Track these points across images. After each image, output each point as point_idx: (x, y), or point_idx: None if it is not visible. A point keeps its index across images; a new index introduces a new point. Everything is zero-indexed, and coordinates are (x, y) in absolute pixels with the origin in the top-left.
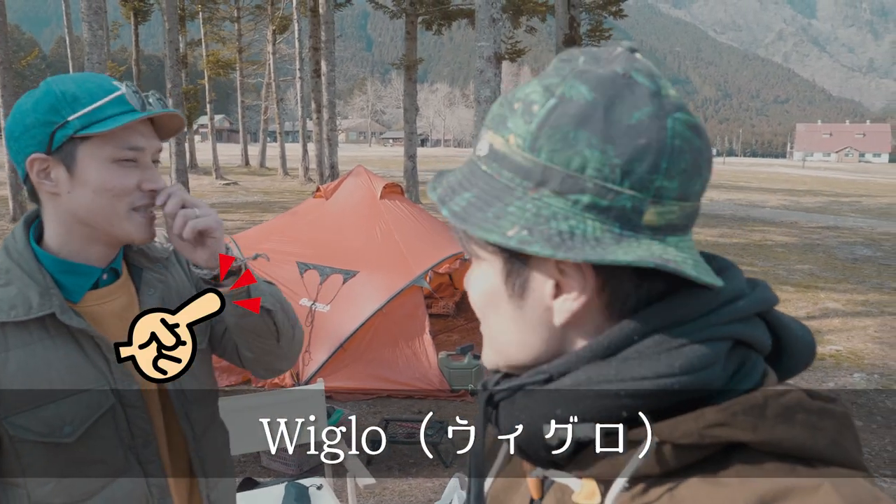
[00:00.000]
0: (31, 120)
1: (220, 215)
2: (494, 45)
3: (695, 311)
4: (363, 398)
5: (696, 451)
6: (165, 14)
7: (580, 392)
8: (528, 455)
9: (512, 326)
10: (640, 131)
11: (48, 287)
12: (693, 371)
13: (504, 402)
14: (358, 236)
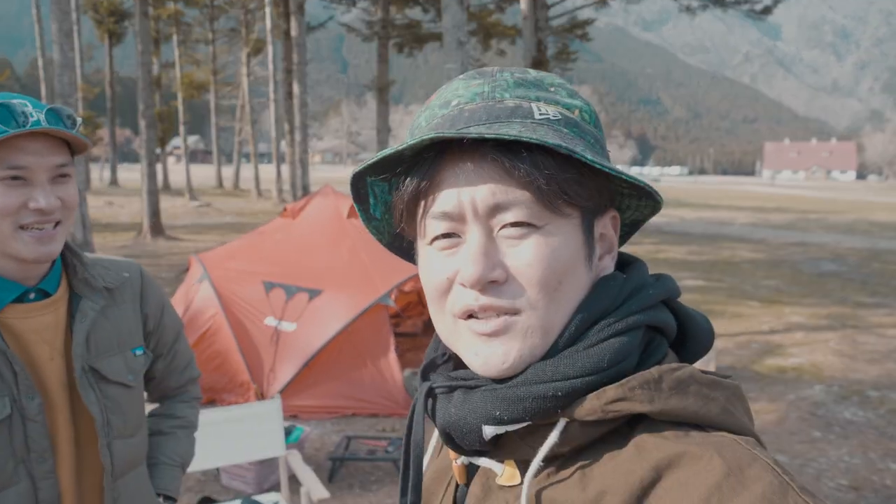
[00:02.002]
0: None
1: (192, 236)
2: (462, 67)
3: (613, 301)
4: (328, 416)
5: (601, 426)
6: (138, 36)
7: (519, 394)
8: (457, 446)
9: (580, 294)
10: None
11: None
12: (617, 363)
13: (441, 396)
14: (324, 255)
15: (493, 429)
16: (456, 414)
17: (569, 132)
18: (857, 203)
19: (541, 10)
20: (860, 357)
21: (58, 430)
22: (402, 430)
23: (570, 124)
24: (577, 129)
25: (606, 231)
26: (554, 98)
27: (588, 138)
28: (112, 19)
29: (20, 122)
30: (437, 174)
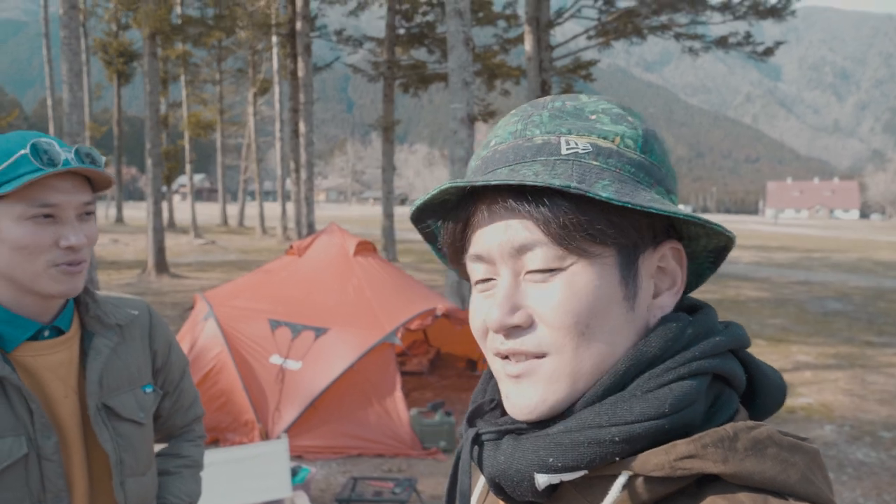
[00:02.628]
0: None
1: (197, 273)
2: (467, 106)
3: (673, 344)
4: (333, 457)
5: (668, 483)
6: (147, 77)
7: (574, 439)
8: (507, 496)
9: (619, 336)
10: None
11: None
12: (680, 409)
13: (489, 444)
14: (330, 293)
15: (546, 478)
16: (506, 462)
17: (598, 164)
18: (861, 242)
19: (545, 51)
20: (870, 397)
21: (73, 468)
22: (408, 471)
23: (602, 155)
24: (611, 159)
25: (666, 264)
26: (591, 127)
27: (626, 168)
28: (121, 60)
29: (52, 162)
30: (471, 217)
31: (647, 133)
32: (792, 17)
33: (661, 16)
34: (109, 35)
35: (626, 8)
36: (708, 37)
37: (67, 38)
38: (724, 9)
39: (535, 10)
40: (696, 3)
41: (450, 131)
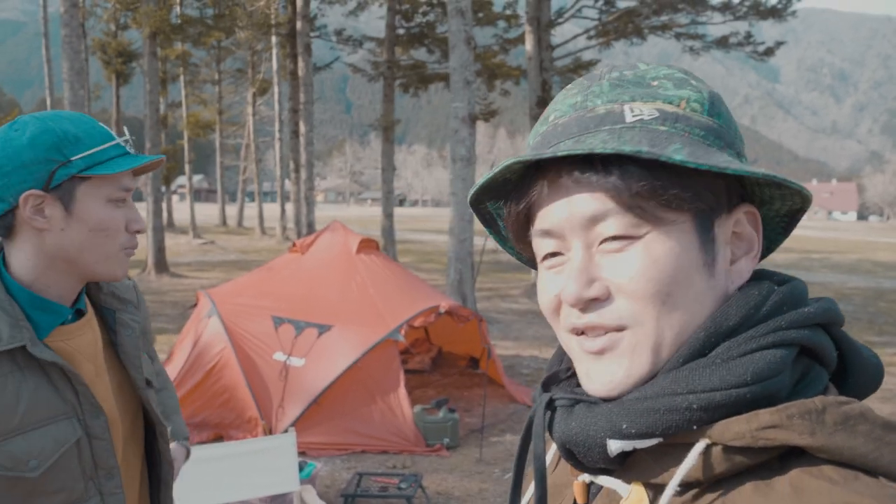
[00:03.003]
0: (29, 157)
1: (196, 273)
2: (469, 105)
3: (758, 312)
4: (337, 453)
5: (748, 454)
6: (147, 76)
7: (649, 406)
8: (578, 462)
9: (700, 305)
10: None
11: (18, 319)
12: (763, 379)
13: (561, 410)
14: (333, 291)
15: (619, 443)
16: (578, 427)
17: (666, 129)
18: (860, 243)
19: (545, 51)
20: (873, 396)
21: (118, 445)
22: (413, 468)
23: (669, 120)
24: (678, 123)
25: (741, 229)
26: (655, 93)
27: (695, 131)
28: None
29: (134, 148)
30: (536, 193)
31: (713, 96)
32: (793, 17)
33: (661, 16)
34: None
35: (626, 8)
36: (708, 37)
37: (68, 37)
38: (725, 9)
39: (536, 10)
40: (696, 3)
41: (451, 130)
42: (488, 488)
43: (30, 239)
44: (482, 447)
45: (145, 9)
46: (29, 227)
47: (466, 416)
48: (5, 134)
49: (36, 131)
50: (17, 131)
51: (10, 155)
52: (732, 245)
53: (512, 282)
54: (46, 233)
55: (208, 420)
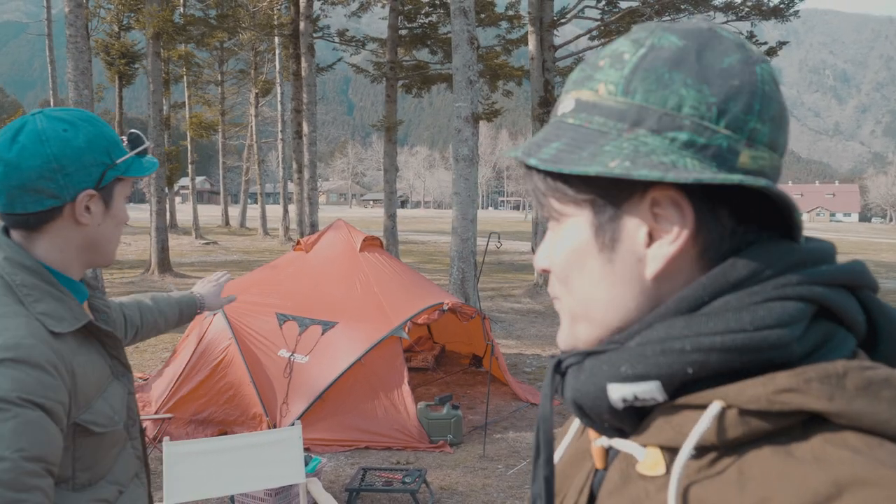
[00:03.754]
0: (90, 159)
1: (199, 273)
2: (471, 105)
3: (769, 267)
4: (341, 449)
5: (765, 419)
6: (150, 77)
7: (645, 350)
8: (592, 420)
9: (600, 284)
10: (733, 74)
11: (73, 300)
12: (765, 328)
13: (572, 369)
14: (337, 288)
15: (618, 389)
16: (584, 378)
17: (572, 122)
18: (863, 244)
19: (548, 51)
20: None
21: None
22: (416, 463)
23: (578, 110)
24: (583, 113)
25: (661, 211)
26: (588, 78)
27: (595, 120)
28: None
29: (146, 149)
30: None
31: (639, 69)
32: (795, 17)
33: (663, 16)
34: (111, 36)
35: (628, 8)
36: None
37: (73, 37)
38: (727, 9)
39: (539, 11)
40: (698, 4)
41: (453, 130)
42: (492, 484)
43: (64, 231)
44: (485, 444)
45: (149, 9)
46: (71, 222)
47: (470, 413)
48: (60, 135)
49: (90, 135)
50: (68, 132)
51: (71, 156)
52: (655, 226)
53: (514, 281)
54: (86, 227)
55: (213, 416)
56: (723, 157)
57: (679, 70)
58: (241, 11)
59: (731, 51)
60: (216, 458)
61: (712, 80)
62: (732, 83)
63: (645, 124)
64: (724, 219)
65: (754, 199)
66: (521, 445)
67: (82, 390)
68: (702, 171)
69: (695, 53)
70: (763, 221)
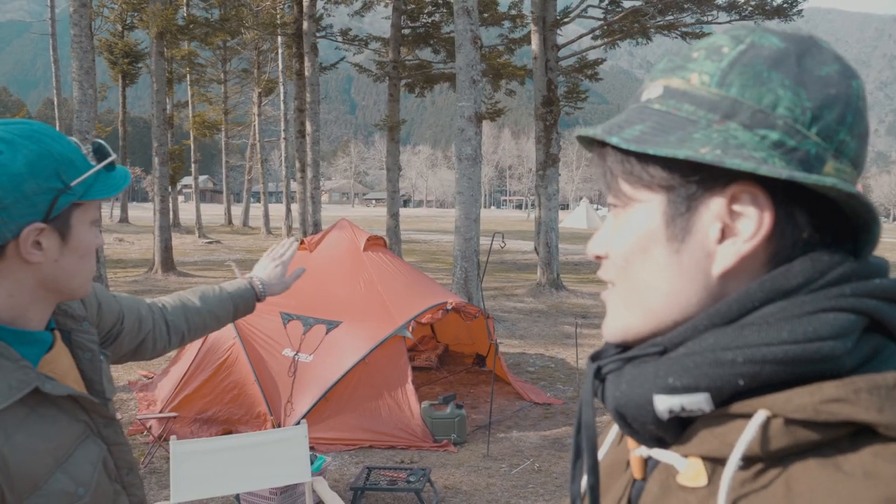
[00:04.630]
0: (32, 187)
1: (202, 272)
2: (475, 104)
3: (822, 277)
4: (345, 449)
5: (812, 429)
6: (154, 76)
7: (695, 360)
8: (633, 430)
9: (664, 275)
10: (831, 83)
11: (19, 361)
12: (818, 339)
13: (612, 375)
14: (341, 287)
15: (665, 400)
16: (627, 387)
17: (659, 108)
18: None
19: (551, 50)
20: None
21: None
22: (420, 463)
23: (667, 97)
24: (671, 100)
25: (741, 208)
26: (681, 67)
27: (684, 108)
28: (126, 60)
29: (112, 164)
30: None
31: (737, 63)
32: (798, 17)
33: (666, 16)
34: (115, 35)
35: (631, 8)
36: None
37: (78, 37)
38: (731, 8)
39: (542, 10)
40: (701, 3)
41: (456, 129)
42: (495, 483)
43: (15, 275)
44: (489, 443)
45: (152, 9)
46: (18, 263)
47: (473, 412)
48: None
49: (32, 155)
50: (3, 154)
51: (7, 186)
52: (730, 223)
53: (517, 281)
54: (38, 266)
55: (218, 415)
56: (809, 163)
57: (778, 70)
58: (244, 11)
59: (831, 61)
60: (222, 457)
61: (810, 86)
62: (829, 91)
63: (737, 118)
64: (801, 224)
65: (828, 209)
66: (525, 445)
67: (23, 476)
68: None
69: (795, 57)
70: (836, 234)
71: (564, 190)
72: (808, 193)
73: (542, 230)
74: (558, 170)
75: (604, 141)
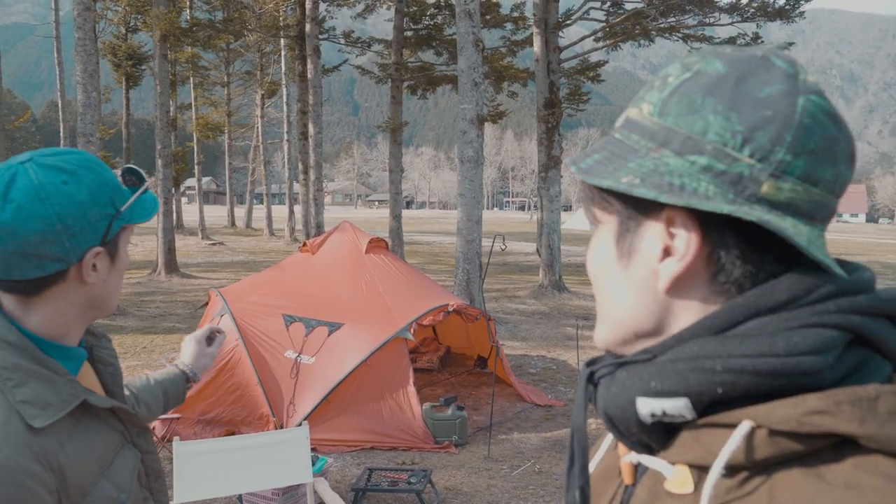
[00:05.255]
0: (94, 214)
1: (206, 274)
2: (477, 107)
3: (807, 295)
4: (347, 450)
5: (795, 440)
6: (157, 78)
7: (676, 366)
8: (621, 433)
9: (619, 288)
10: (768, 104)
11: (66, 376)
12: (798, 354)
13: (604, 380)
14: (343, 289)
15: (648, 403)
16: (616, 390)
17: (618, 138)
18: (869, 245)
19: (553, 52)
20: None
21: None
22: (421, 464)
23: (624, 128)
24: (625, 130)
25: (676, 230)
26: (641, 97)
27: (632, 138)
28: (130, 63)
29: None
30: None
31: (676, 92)
32: (801, 18)
33: (668, 18)
34: (118, 38)
35: (633, 10)
36: (716, 39)
37: (82, 40)
38: (733, 10)
39: (544, 13)
40: (703, 5)
41: (459, 132)
42: (496, 484)
43: (70, 295)
44: (490, 445)
45: (156, 12)
46: (76, 283)
47: (474, 414)
48: (60, 189)
49: (93, 184)
50: (68, 184)
51: (75, 215)
52: (670, 244)
53: (519, 283)
54: (91, 286)
55: (220, 417)
56: (742, 185)
57: (712, 96)
58: (247, 13)
59: (776, 81)
60: (225, 458)
61: (743, 109)
62: (765, 113)
63: (670, 146)
64: (732, 244)
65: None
66: (526, 446)
67: (76, 483)
68: (712, 197)
69: (734, 81)
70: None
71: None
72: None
73: (545, 232)
74: (560, 172)
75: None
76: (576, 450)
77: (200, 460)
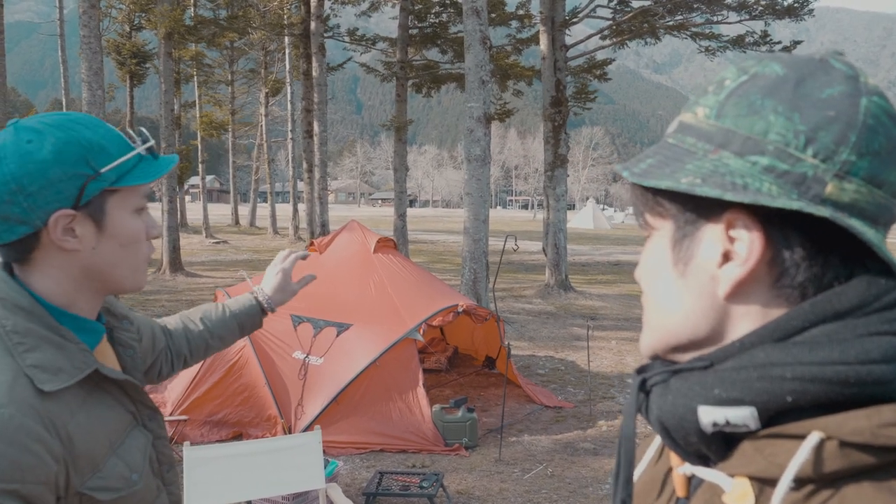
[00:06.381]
0: (57, 173)
1: (209, 272)
2: (484, 105)
3: (876, 301)
4: (356, 452)
5: (867, 453)
6: (162, 77)
7: (743, 374)
8: (677, 444)
9: (673, 296)
10: (830, 105)
11: (79, 345)
12: (870, 362)
13: (657, 388)
14: (351, 290)
15: (710, 412)
16: (672, 398)
17: (671, 142)
18: None
19: (559, 50)
20: None
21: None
22: (432, 467)
23: (678, 132)
24: (680, 134)
25: (736, 234)
26: (694, 102)
27: (687, 141)
28: (134, 61)
29: (154, 151)
30: None
31: (734, 95)
32: (810, 16)
33: (676, 15)
34: (123, 36)
35: (640, 7)
36: (724, 37)
37: (87, 38)
38: (741, 8)
39: (550, 10)
40: (711, 3)
41: (465, 130)
42: (508, 488)
43: (56, 262)
44: (501, 447)
45: (160, 9)
46: (56, 250)
47: (484, 415)
48: (20, 147)
49: (59, 143)
50: (32, 143)
51: (32, 172)
52: (731, 248)
53: (525, 282)
54: (77, 254)
55: (228, 418)
56: (806, 186)
57: (772, 97)
58: (251, 11)
59: (837, 82)
60: (235, 463)
61: (805, 109)
62: (828, 113)
63: (730, 147)
64: (796, 245)
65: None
66: (537, 449)
67: (85, 454)
68: (779, 196)
69: (794, 82)
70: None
71: (571, 190)
72: (807, 214)
73: (551, 231)
74: (566, 170)
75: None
76: (622, 460)
77: (211, 466)
